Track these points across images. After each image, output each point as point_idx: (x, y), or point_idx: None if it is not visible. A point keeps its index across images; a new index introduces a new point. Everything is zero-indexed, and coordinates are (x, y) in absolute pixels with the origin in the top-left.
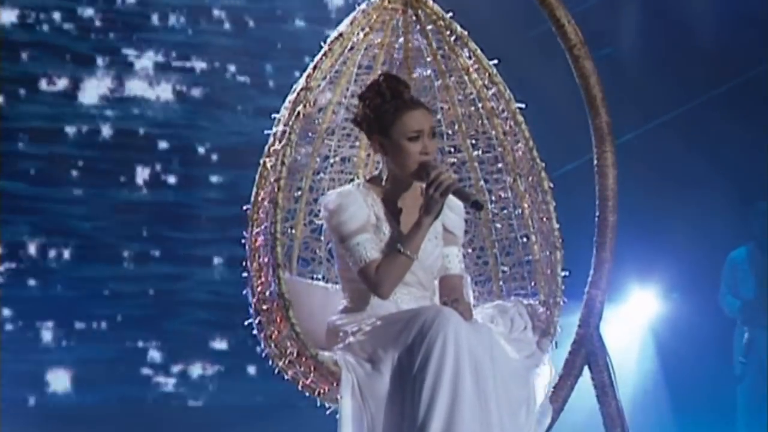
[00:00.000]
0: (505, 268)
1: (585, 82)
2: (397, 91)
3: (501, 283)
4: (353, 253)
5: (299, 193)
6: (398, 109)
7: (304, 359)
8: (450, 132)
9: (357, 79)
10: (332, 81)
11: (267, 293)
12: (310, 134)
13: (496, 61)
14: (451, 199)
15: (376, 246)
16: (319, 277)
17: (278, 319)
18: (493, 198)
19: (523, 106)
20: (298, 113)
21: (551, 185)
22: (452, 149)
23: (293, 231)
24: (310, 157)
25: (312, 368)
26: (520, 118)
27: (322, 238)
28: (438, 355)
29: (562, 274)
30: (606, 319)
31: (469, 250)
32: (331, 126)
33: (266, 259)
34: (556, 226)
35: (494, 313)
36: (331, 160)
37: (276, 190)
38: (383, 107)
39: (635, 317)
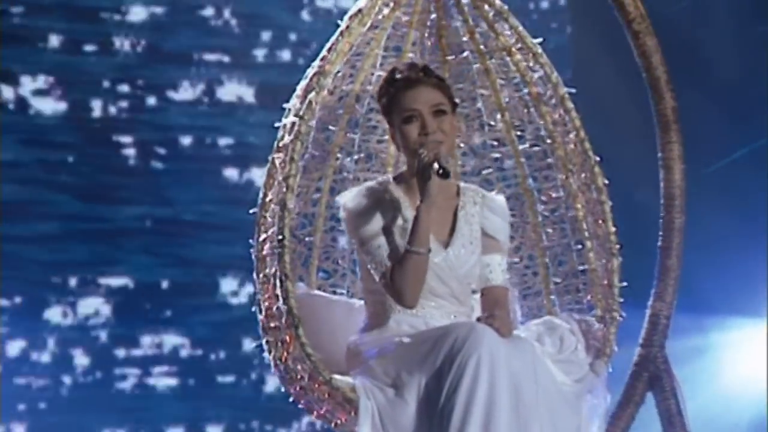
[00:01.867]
0: (558, 280)
1: (646, 62)
2: (402, 72)
3: (552, 296)
4: (374, 259)
5: (318, 195)
6: (397, 89)
7: (317, 385)
8: (492, 123)
9: (384, 63)
10: (354, 65)
11: (274, 309)
12: (329, 126)
13: (540, 40)
14: (492, 199)
15: (401, 250)
16: (343, 291)
17: (287, 339)
18: (543, 198)
19: (573, 90)
20: (310, 102)
21: (606, 182)
22: (495, 142)
23: (311, 239)
24: (330, 154)
25: (326, 395)
26: (570, 104)
27: (346, 246)
28: (470, 380)
29: (620, 285)
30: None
31: (516, 260)
32: (355, 117)
33: (273, 270)
34: (612, 229)
35: (541, 331)
36: (355, 157)
37: (284, 190)
38: (385, 90)
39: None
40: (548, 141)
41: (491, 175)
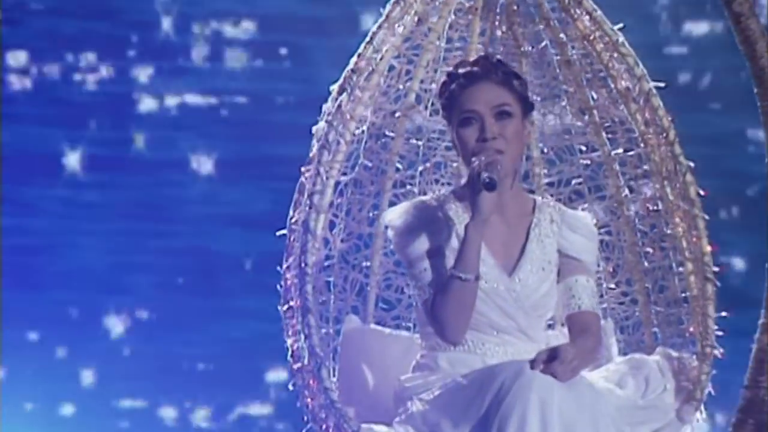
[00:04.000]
0: (660, 308)
1: (750, 51)
2: (466, 65)
3: (655, 329)
4: (417, 284)
5: (375, 212)
6: (457, 86)
7: None
8: (580, 124)
9: (447, 57)
10: (411, 60)
11: (296, 347)
12: (386, 132)
13: (621, 25)
14: (574, 216)
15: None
16: (410, 325)
17: (311, 383)
18: (641, 212)
19: (661, 85)
20: (340, 105)
21: (701, 192)
22: (584, 147)
23: (368, 263)
24: (388, 164)
25: None
26: (657, 101)
27: None
28: None
29: (715, 315)
30: None
31: (612, 285)
32: (417, 121)
33: (298, 302)
34: (707, 249)
35: (624, 371)
36: (420, 167)
37: (308, 209)
38: (445, 87)
39: None
40: (641, 145)
41: (581, 185)
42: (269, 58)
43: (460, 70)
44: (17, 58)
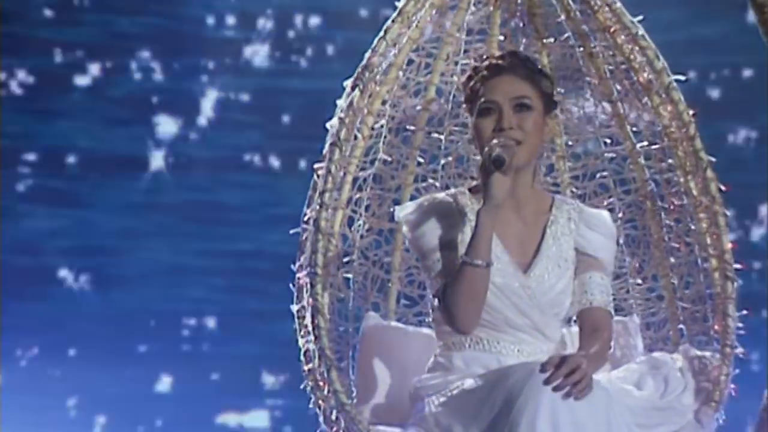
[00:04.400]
0: (686, 305)
1: None
2: (490, 58)
3: (681, 326)
4: (430, 275)
5: (396, 208)
6: (480, 78)
7: None
8: (604, 116)
9: (468, 50)
10: (430, 54)
11: (308, 348)
12: (407, 126)
13: (641, 17)
14: (592, 214)
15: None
16: (431, 322)
17: (322, 384)
18: (667, 206)
19: (682, 78)
20: (351, 102)
21: (722, 187)
22: (608, 140)
23: (389, 259)
24: (410, 158)
25: None
26: (676, 95)
27: None
28: None
29: (736, 314)
30: None
31: (639, 281)
32: (438, 114)
33: (309, 302)
34: (728, 246)
35: (644, 371)
36: (442, 161)
37: (318, 207)
38: (469, 79)
39: None
40: (665, 138)
41: (606, 179)
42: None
43: (485, 63)
44: (78, 59)
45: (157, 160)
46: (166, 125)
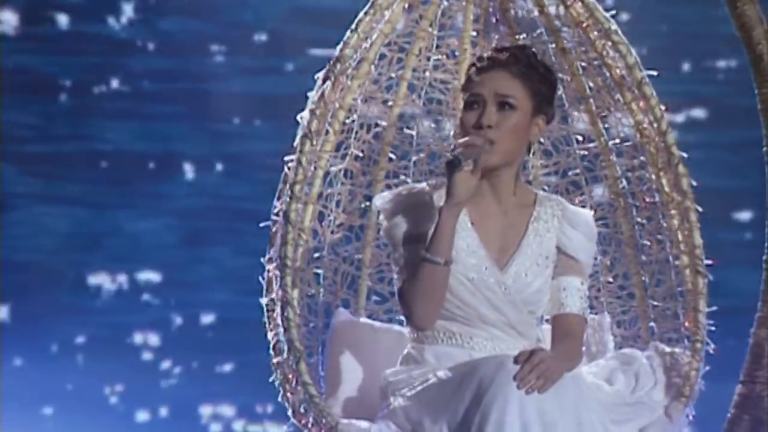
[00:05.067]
0: (657, 302)
1: (746, 36)
2: (490, 51)
3: (652, 324)
4: (397, 267)
5: (367, 204)
6: (475, 71)
7: (322, 431)
8: (576, 113)
9: (440, 45)
10: (402, 48)
11: (276, 340)
12: (378, 122)
13: (613, 12)
14: (575, 212)
15: None
16: (401, 318)
17: (291, 377)
18: (638, 204)
19: (654, 73)
20: (322, 94)
21: (694, 183)
22: (580, 138)
23: (360, 256)
24: (381, 154)
25: None
26: (648, 90)
27: None
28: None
29: (706, 309)
30: None
31: (609, 279)
32: (411, 110)
33: (279, 294)
34: (699, 242)
35: (614, 367)
36: (414, 158)
37: (288, 200)
38: (468, 70)
39: None
40: (637, 135)
41: (578, 176)
42: None
43: (487, 54)
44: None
45: None
46: None
